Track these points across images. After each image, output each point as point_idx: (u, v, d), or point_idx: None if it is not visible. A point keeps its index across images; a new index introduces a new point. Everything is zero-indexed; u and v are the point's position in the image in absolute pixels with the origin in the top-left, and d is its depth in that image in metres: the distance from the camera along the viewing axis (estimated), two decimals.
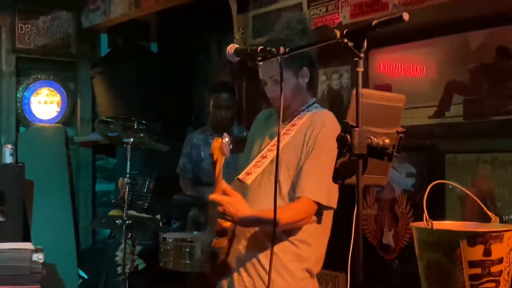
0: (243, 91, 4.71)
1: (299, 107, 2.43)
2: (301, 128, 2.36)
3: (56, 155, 5.06)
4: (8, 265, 3.78)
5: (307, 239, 2.34)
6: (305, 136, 2.32)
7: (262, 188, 2.33)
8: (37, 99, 5.08)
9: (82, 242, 5.20)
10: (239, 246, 2.37)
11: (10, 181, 4.36)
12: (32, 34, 5.06)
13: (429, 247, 1.81)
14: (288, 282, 2.29)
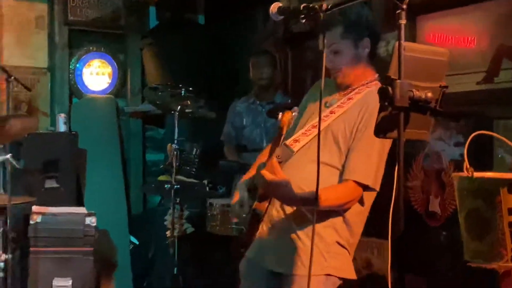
0: (289, 61, 4.71)
1: (359, 80, 2.38)
2: (356, 104, 2.32)
3: (107, 125, 5.14)
4: (62, 228, 3.91)
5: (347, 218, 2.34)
6: (359, 115, 2.28)
7: (307, 158, 2.30)
8: (89, 70, 5.16)
9: (133, 210, 5.31)
10: (273, 210, 2.38)
11: (64, 149, 4.49)
12: (83, 7, 5.11)
13: (470, 195, 1.81)
14: (318, 247, 2.27)
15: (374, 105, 2.15)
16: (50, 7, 5.07)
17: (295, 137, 2.34)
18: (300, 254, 2.29)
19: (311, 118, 2.40)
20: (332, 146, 2.30)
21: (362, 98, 2.32)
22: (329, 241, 2.31)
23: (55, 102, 5.10)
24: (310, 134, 2.32)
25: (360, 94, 2.33)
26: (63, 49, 5.09)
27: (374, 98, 2.16)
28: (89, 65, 5.16)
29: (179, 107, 3.99)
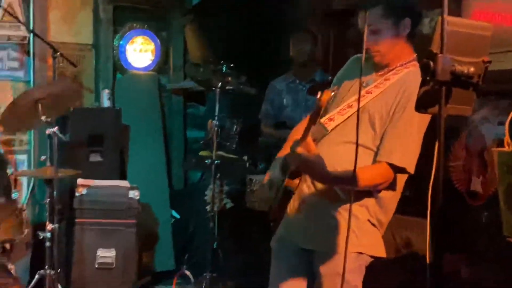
0: (330, 39, 4.68)
1: (396, 60, 2.33)
2: (394, 85, 2.28)
3: (150, 102, 5.20)
4: (106, 200, 4.02)
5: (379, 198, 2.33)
6: (397, 96, 2.24)
7: (341, 137, 2.30)
8: (132, 47, 5.20)
9: (175, 185, 5.39)
10: (304, 187, 2.38)
11: (108, 124, 4.56)
12: None
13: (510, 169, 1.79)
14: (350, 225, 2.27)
15: (412, 86, 2.10)
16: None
17: (330, 116, 2.33)
18: (331, 231, 2.30)
19: (346, 96, 2.38)
20: (367, 127, 2.27)
21: (400, 79, 2.28)
22: (361, 219, 2.30)
23: (100, 78, 5.14)
24: (345, 113, 2.31)
25: (398, 75, 2.30)
26: (108, 26, 5.12)
27: (412, 80, 2.15)
28: (132, 42, 5.19)
29: (220, 84, 4.02)
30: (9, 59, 4.74)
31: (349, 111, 2.29)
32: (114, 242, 3.96)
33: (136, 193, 4.05)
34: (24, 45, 4.77)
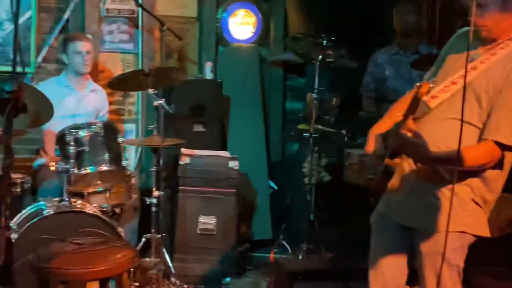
0: (436, 8, 4.52)
1: (504, 34, 2.23)
2: (501, 59, 2.19)
3: (250, 73, 5.22)
4: (208, 169, 4.12)
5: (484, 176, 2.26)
6: (504, 71, 2.16)
7: (445, 114, 2.24)
8: (234, 20, 5.24)
9: (273, 156, 5.42)
10: (405, 164, 2.34)
11: (210, 95, 4.68)
12: None
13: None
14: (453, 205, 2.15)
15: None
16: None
17: (433, 93, 2.22)
18: (433, 210, 2.27)
19: (450, 72, 2.31)
20: (474, 103, 2.20)
21: (507, 54, 2.19)
22: (464, 199, 2.25)
23: (203, 50, 5.22)
24: (448, 90, 2.24)
25: (505, 50, 2.20)
26: (211, 0, 5.18)
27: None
28: (234, 15, 5.24)
29: (320, 57, 4.02)
30: (119, 32, 4.93)
31: (453, 87, 2.22)
32: (215, 209, 4.08)
33: (236, 163, 4.15)
34: (133, 18, 4.93)
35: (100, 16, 4.85)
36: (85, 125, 3.50)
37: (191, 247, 4.07)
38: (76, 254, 2.52)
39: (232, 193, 4.11)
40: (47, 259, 2.41)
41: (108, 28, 4.90)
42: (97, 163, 3.46)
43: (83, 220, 3.14)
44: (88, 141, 3.44)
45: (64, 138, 3.44)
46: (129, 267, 2.70)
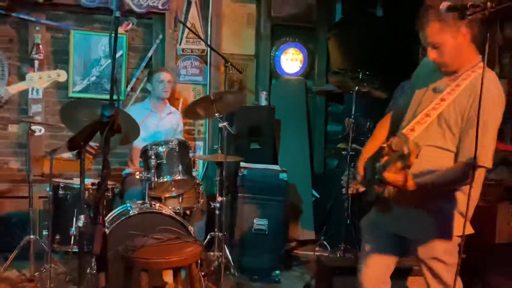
0: None
1: (463, 66, 2.10)
2: (465, 90, 2.06)
3: (298, 101, 5.25)
4: (262, 180, 4.13)
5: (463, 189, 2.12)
6: (469, 101, 2.04)
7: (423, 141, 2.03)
8: (285, 57, 5.27)
9: (316, 169, 5.42)
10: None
11: (264, 119, 4.69)
12: (283, 5, 5.18)
13: None
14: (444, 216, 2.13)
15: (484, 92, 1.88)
16: (257, 6, 5.21)
17: (411, 126, 2.10)
18: (423, 221, 2.16)
19: (420, 106, 2.18)
20: (446, 131, 2.09)
21: (469, 84, 2.06)
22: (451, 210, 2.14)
23: (259, 82, 5.26)
24: (424, 122, 2.10)
25: (467, 80, 2.07)
26: (267, 40, 5.22)
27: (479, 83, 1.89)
28: (285, 53, 5.27)
29: (357, 88, 4.01)
30: (192, 67, 5.02)
31: (428, 119, 2.10)
32: (267, 213, 4.09)
33: (285, 175, 4.15)
34: (203, 56, 5.02)
35: (177, 54, 4.96)
36: (164, 142, 3.58)
37: (247, 244, 4.09)
38: (155, 247, 2.56)
39: (281, 200, 4.12)
40: (132, 250, 2.46)
41: (183, 64, 5.01)
42: (172, 173, 3.53)
43: (160, 220, 3.19)
44: (165, 155, 3.52)
45: (147, 153, 3.54)
46: (197, 259, 2.73)
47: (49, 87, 4.67)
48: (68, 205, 3.64)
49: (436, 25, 2.02)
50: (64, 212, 3.65)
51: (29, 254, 3.72)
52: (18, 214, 4.34)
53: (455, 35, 2.03)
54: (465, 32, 2.02)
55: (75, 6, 4.62)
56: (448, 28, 2.01)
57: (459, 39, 2.03)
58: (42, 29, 4.61)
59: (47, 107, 4.71)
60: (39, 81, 3.14)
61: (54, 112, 4.66)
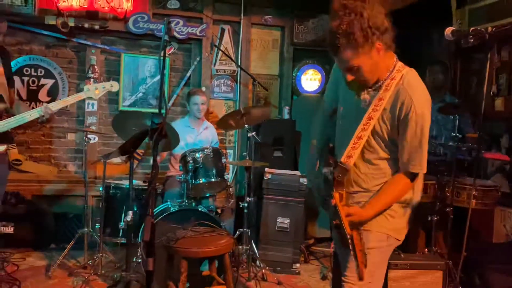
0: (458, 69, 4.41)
1: (382, 74, 1.83)
2: (388, 102, 1.82)
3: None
4: (284, 183, 4.10)
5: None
6: (396, 112, 1.81)
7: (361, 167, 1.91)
8: (305, 77, 5.25)
9: None
10: None
11: (286, 130, 4.71)
12: (304, 33, 5.21)
13: None
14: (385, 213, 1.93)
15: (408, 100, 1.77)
16: (281, 33, 5.23)
17: (347, 154, 1.85)
18: None
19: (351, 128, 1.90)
20: (381, 145, 1.88)
21: (392, 94, 1.82)
22: (394, 207, 1.93)
23: (282, 98, 5.27)
24: (358, 146, 1.85)
25: (389, 91, 1.81)
26: (289, 62, 5.23)
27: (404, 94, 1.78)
28: (305, 73, 5.25)
29: None
30: (224, 85, 5.07)
31: (360, 142, 1.85)
32: (289, 213, 4.07)
33: (305, 180, 4.12)
34: (234, 76, 5.06)
35: (212, 74, 5.01)
36: (200, 149, 3.61)
37: (271, 239, 4.07)
38: (193, 238, 2.58)
39: (301, 201, 4.09)
40: (174, 241, 2.47)
41: (216, 83, 5.06)
42: (207, 176, 3.55)
43: (197, 216, 3.22)
44: (202, 160, 3.55)
45: (185, 158, 3.58)
46: (230, 250, 2.72)
47: (102, 100, 4.81)
48: (118, 202, 3.70)
49: (348, 52, 1.73)
50: (114, 209, 3.71)
51: (84, 245, 3.79)
52: (74, 210, 4.43)
53: (370, 55, 1.75)
54: (379, 46, 1.75)
55: (126, 32, 4.72)
56: (361, 50, 1.72)
57: (374, 55, 1.75)
58: (97, 52, 4.72)
59: (100, 119, 4.81)
60: (95, 91, 3.18)
61: (106, 123, 4.76)
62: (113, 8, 4.62)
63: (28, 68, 4.61)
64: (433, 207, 3.53)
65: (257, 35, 5.17)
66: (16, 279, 3.41)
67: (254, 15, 5.08)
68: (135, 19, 4.65)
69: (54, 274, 3.61)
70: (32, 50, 4.63)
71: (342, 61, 1.75)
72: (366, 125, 1.83)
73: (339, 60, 1.77)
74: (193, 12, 4.92)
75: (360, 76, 1.79)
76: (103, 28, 4.62)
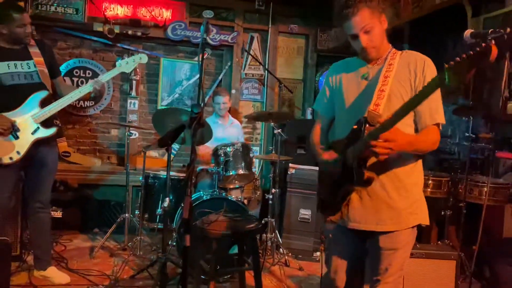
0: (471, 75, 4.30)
1: (384, 51, 1.84)
2: (401, 64, 1.80)
3: None
4: (306, 178, 4.08)
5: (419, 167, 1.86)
6: (411, 71, 1.78)
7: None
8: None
9: None
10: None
11: (310, 130, 4.59)
12: (326, 40, 5.19)
13: None
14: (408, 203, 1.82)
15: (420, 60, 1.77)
16: (306, 40, 5.23)
17: (374, 103, 1.76)
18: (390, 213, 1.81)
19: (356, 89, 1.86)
20: (400, 101, 1.73)
21: (401, 59, 1.81)
22: (417, 195, 1.84)
23: (305, 101, 5.26)
24: (383, 97, 1.76)
25: (396, 59, 1.81)
26: (312, 68, 5.22)
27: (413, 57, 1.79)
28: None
29: None
30: (252, 88, 5.09)
31: (384, 93, 1.77)
32: (310, 205, 4.05)
33: None
34: (261, 79, 5.08)
35: (241, 77, 5.04)
36: (231, 144, 3.63)
37: (293, 229, 4.06)
38: (224, 222, 2.59)
39: None
40: (207, 223, 2.49)
41: (245, 86, 5.08)
42: (236, 168, 3.57)
43: (227, 204, 3.17)
44: (232, 154, 3.56)
45: (217, 152, 3.60)
46: (258, 233, 2.72)
47: (143, 100, 4.87)
48: (155, 191, 3.75)
49: (366, 10, 1.74)
50: (152, 196, 3.76)
51: (124, 229, 3.84)
52: (116, 198, 4.50)
53: (380, 21, 1.78)
54: (383, 20, 1.79)
55: (164, 39, 4.79)
56: (376, 14, 1.76)
57: (382, 24, 1.79)
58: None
59: (140, 116, 4.88)
60: (126, 65, 3.14)
61: (146, 120, 4.83)
62: (154, 17, 4.69)
63: (77, 70, 4.72)
64: (446, 203, 3.46)
65: (283, 42, 5.18)
66: (64, 258, 3.49)
67: (281, 24, 5.10)
68: (173, 27, 4.71)
69: (97, 254, 3.67)
70: (81, 54, 4.74)
71: (357, 22, 1.73)
72: (384, 82, 1.78)
73: (355, 22, 1.73)
74: (225, 21, 4.95)
75: (372, 40, 1.77)
76: (144, 35, 4.70)
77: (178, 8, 4.76)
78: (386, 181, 1.80)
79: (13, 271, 2.98)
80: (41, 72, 2.90)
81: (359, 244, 1.93)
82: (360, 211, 1.83)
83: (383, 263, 1.85)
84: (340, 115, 1.95)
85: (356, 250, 1.95)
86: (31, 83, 2.86)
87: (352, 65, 1.93)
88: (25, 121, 2.82)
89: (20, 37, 2.83)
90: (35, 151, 2.87)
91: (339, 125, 1.96)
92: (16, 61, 2.83)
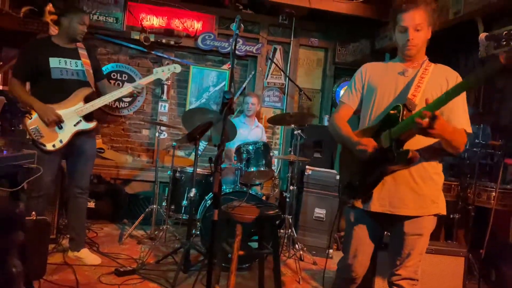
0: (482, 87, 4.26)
1: (421, 57, 1.87)
2: (435, 72, 1.83)
3: (351, 124, 5.16)
4: (322, 179, 4.05)
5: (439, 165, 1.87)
6: (444, 80, 1.81)
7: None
8: (343, 91, 5.27)
9: None
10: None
11: (325, 135, 4.59)
12: (344, 54, 5.19)
13: None
14: (432, 192, 1.83)
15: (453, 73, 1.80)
16: (325, 53, 5.25)
17: (412, 93, 1.77)
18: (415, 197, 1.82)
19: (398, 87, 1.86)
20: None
21: (435, 69, 1.84)
22: (439, 186, 1.85)
23: (323, 109, 5.26)
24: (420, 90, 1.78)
25: (431, 66, 1.84)
26: (330, 79, 5.23)
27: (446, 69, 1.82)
28: (344, 89, 5.27)
29: None
30: (273, 96, 5.12)
31: (420, 89, 1.79)
32: (325, 205, 4.03)
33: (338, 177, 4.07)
34: (282, 88, 5.10)
35: (264, 86, 5.09)
36: (253, 143, 3.65)
37: (308, 226, 4.05)
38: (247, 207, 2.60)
39: (336, 195, 4.02)
40: (231, 208, 2.51)
41: (267, 93, 5.11)
42: (257, 166, 3.57)
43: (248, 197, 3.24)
44: (253, 152, 3.58)
45: (240, 150, 3.63)
46: (278, 219, 2.66)
47: (172, 104, 4.95)
48: (182, 184, 3.79)
49: (422, 12, 1.79)
50: (178, 189, 3.80)
51: (151, 220, 3.89)
52: (144, 192, 4.57)
53: (428, 28, 1.82)
54: (429, 30, 1.83)
55: (195, 48, 4.89)
56: (429, 21, 1.80)
57: (428, 33, 1.83)
58: (170, 63, 4.90)
59: (170, 119, 4.97)
60: (162, 73, 3.23)
61: (175, 123, 4.91)
62: (186, 28, 4.80)
63: (115, 73, 4.85)
64: (455, 206, 3.41)
65: (304, 54, 5.22)
66: (95, 242, 3.55)
67: (302, 37, 5.15)
68: (203, 37, 4.81)
69: (125, 241, 3.72)
70: (119, 59, 4.87)
71: (413, 17, 1.77)
72: (420, 80, 1.80)
73: (411, 16, 1.77)
74: (251, 33, 5.03)
75: (419, 39, 1.80)
76: (177, 44, 4.81)
77: (208, 20, 4.86)
78: (413, 170, 1.81)
79: (49, 251, 3.04)
80: (87, 71, 3.01)
81: (379, 231, 1.94)
82: (388, 195, 1.83)
83: (406, 248, 1.85)
84: (370, 106, 1.94)
85: (376, 238, 1.94)
86: (78, 79, 2.97)
87: (387, 64, 1.94)
88: (69, 113, 2.93)
89: (76, 33, 2.95)
90: (76, 140, 2.96)
91: (367, 115, 1.96)
92: (67, 58, 2.95)
